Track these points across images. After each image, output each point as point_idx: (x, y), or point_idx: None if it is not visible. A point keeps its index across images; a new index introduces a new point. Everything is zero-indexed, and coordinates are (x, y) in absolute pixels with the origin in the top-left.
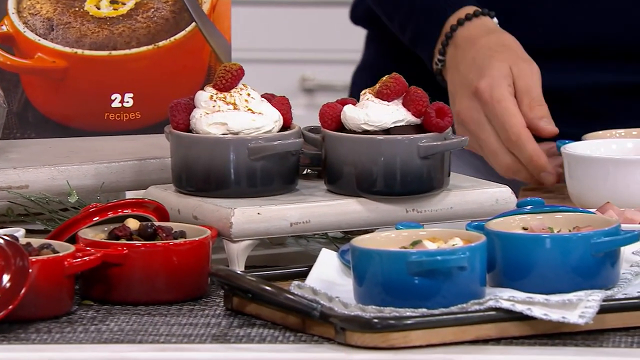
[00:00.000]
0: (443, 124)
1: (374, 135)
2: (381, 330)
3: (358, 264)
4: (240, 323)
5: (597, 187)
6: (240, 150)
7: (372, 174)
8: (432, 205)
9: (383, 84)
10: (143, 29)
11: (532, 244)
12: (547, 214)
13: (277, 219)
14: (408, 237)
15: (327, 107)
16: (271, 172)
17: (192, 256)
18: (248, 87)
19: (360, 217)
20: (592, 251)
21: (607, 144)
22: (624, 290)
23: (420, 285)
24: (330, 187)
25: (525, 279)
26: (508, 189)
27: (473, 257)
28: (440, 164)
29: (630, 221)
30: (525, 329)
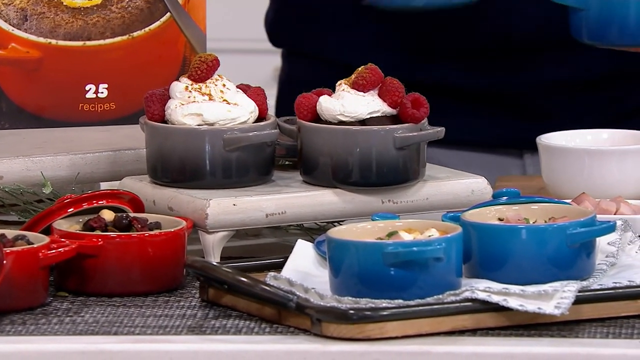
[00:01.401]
0: (419, 115)
1: (349, 126)
2: (357, 322)
3: (334, 255)
4: (215, 314)
5: (572, 177)
6: (216, 141)
7: (348, 165)
8: (408, 196)
9: (359, 74)
10: (117, 19)
11: (508, 234)
12: (523, 204)
13: (253, 210)
14: (384, 228)
15: (302, 98)
16: (247, 163)
17: (167, 247)
18: (223, 78)
19: (336, 208)
20: (567, 242)
21: (583, 135)
22: (600, 280)
23: (396, 276)
24: (306, 178)
25: (501, 270)
26: (484, 180)
27: (449, 248)
28: (416, 154)
29: (606, 212)
30: (501, 320)
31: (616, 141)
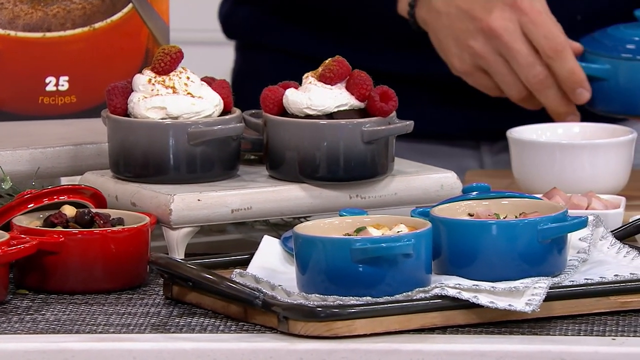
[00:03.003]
0: (387, 108)
1: (316, 119)
2: (325, 319)
3: (301, 252)
4: (180, 312)
5: (543, 172)
6: (180, 135)
7: (315, 160)
8: (376, 191)
9: (326, 67)
10: (78, 10)
11: (478, 230)
12: (493, 199)
13: (218, 206)
14: (352, 224)
15: (268, 91)
16: (211, 158)
17: (130, 244)
18: (187, 70)
19: (302, 203)
20: (538, 238)
21: (553, 128)
22: (571, 277)
23: (364, 273)
24: (272, 173)
25: (471, 266)
26: (453, 175)
27: (418, 244)
28: (384, 149)
29: (577, 207)
30: (471, 317)
31: (588, 135)
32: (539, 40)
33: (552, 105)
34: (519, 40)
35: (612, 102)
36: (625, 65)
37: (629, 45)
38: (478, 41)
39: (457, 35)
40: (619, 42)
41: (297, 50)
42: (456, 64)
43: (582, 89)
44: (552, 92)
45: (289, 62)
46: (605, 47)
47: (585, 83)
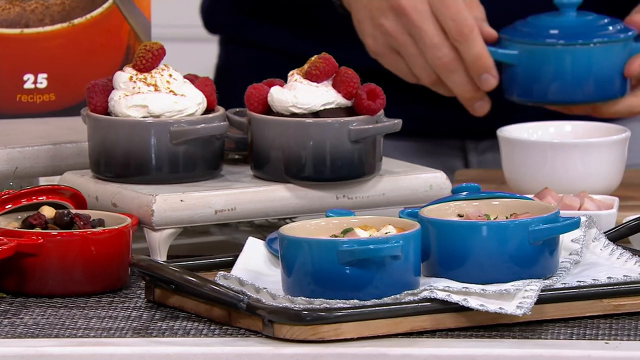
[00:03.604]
0: (375, 107)
1: (302, 118)
2: (311, 323)
3: (286, 254)
4: (162, 316)
5: (534, 172)
6: (162, 134)
7: (301, 159)
8: (364, 192)
9: (312, 64)
10: (57, 5)
11: (468, 231)
12: (483, 200)
13: (201, 206)
14: (339, 225)
15: (253, 89)
16: (194, 157)
17: (111, 246)
18: (170, 68)
19: (288, 204)
20: (530, 239)
21: (545, 127)
22: (563, 279)
23: (351, 275)
24: (257, 173)
25: (461, 269)
26: (442, 174)
27: (407, 245)
28: (371, 148)
29: (569, 207)
30: (461, 321)
31: (580, 134)
32: (447, 21)
33: (459, 90)
34: (427, 20)
35: (524, 90)
36: (532, 50)
37: (541, 32)
38: (389, 19)
39: (372, 14)
40: (534, 29)
41: (281, 46)
42: (370, 44)
43: (488, 75)
44: (458, 77)
45: (274, 59)
46: (519, 34)
47: (492, 69)
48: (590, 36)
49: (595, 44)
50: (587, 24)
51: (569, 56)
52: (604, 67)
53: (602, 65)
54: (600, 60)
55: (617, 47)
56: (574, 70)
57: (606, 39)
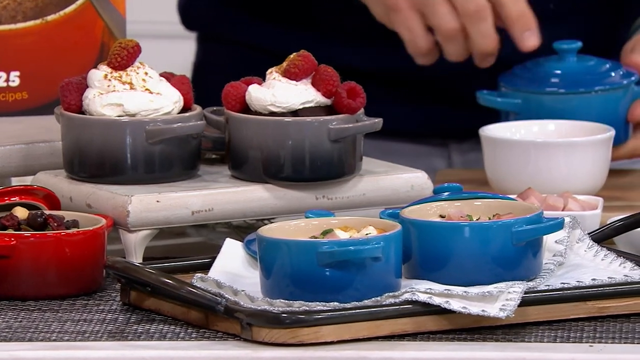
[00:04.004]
0: (355, 105)
1: (281, 117)
2: (290, 326)
3: (265, 255)
4: (138, 319)
5: (517, 172)
6: (138, 133)
7: (280, 159)
8: (344, 192)
9: (291, 62)
10: (30, 2)
11: (450, 232)
12: (465, 200)
13: (178, 207)
14: (318, 226)
15: (230, 87)
16: (171, 157)
17: (85, 247)
18: (145, 66)
19: (266, 204)
20: (513, 240)
21: (528, 126)
22: (547, 281)
23: (331, 277)
24: (235, 173)
25: (442, 270)
26: (424, 174)
27: (388, 247)
28: (352, 147)
29: (553, 208)
30: (443, 324)
31: (564, 133)
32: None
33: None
34: None
35: None
36: (534, 99)
37: (543, 80)
38: None
39: None
40: (535, 76)
41: (259, 44)
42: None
43: (531, 33)
44: (486, 27)
45: (252, 57)
46: (520, 82)
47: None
48: (593, 84)
49: (597, 92)
50: (589, 71)
51: (571, 105)
52: (607, 114)
53: (605, 112)
54: (604, 108)
55: (620, 93)
56: (577, 118)
57: (608, 86)
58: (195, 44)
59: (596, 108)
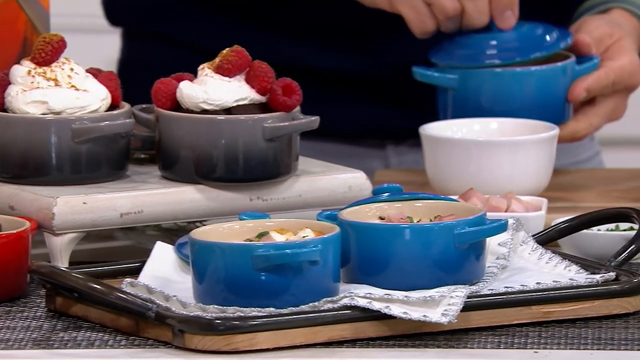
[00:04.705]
0: (291, 103)
1: (213, 115)
2: (224, 332)
3: (198, 259)
4: (64, 326)
5: (459, 172)
6: (63, 132)
7: (212, 159)
8: (279, 193)
9: (223, 57)
10: None
11: (389, 235)
12: (405, 201)
13: (106, 209)
14: (253, 229)
15: (160, 84)
16: (98, 157)
17: (8, 251)
18: (71, 61)
19: (199, 206)
20: (455, 242)
21: (470, 124)
22: (490, 285)
23: (267, 281)
24: (165, 173)
25: (382, 274)
26: (362, 175)
27: (326, 250)
28: (287, 147)
29: (496, 209)
30: (383, 329)
31: (506, 131)
32: None
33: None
34: None
35: (462, 114)
36: (471, 74)
37: (475, 53)
38: None
39: None
40: (466, 50)
41: (189, 40)
42: None
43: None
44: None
45: (182, 52)
46: (453, 57)
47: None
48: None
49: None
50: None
51: (509, 80)
52: (546, 91)
53: (544, 89)
54: (543, 84)
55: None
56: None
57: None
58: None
59: (535, 84)
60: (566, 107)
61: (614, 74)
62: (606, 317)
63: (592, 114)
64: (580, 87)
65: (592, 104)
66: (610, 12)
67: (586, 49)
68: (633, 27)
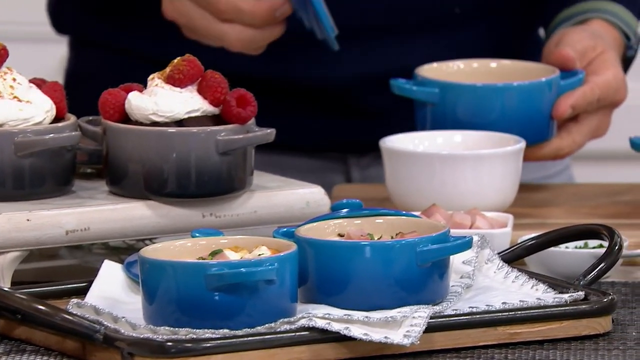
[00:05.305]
0: (245, 115)
1: (164, 127)
2: (176, 355)
3: (148, 278)
4: (7, 349)
5: (421, 187)
6: (5, 145)
7: (163, 173)
8: (233, 209)
9: (174, 67)
10: None
11: (349, 252)
12: (366, 218)
13: (50, 226)
14: (206, 246)
15: (108, 95)
16: (42, 171)
17: None
18: (13, 71)
19: (149, 223)
20: (417, 261)
21: (432, 137)
22: (454, 305)
23: (221, 302)
24: (113, 189)
25: (342, 294)
26: (320, 190)
27: (282, 268)
28: (242, 160)
29: (460, 226)
30: (342, 352)
31: (471, 144)
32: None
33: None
34: None
35: (444, 129)
36: (453, 87)
37: None
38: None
39: None
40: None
41: (138, 49)
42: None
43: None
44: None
45: (130, 63)
46: None
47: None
48: None
49: None
50: None
51: (491, 96)
52: (530, 108)
53: (528, 106)
54: (526, 101)
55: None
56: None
57: None
58: (67, 49)
59: (518, 100)
60: (550, 124)
61: (600, 89)
62: (575, 338)
63: (576, 131)
64: (565, 104)
65: (576, 121)
66: (590, 23)
67: (570, 63)
68: (613, 38)
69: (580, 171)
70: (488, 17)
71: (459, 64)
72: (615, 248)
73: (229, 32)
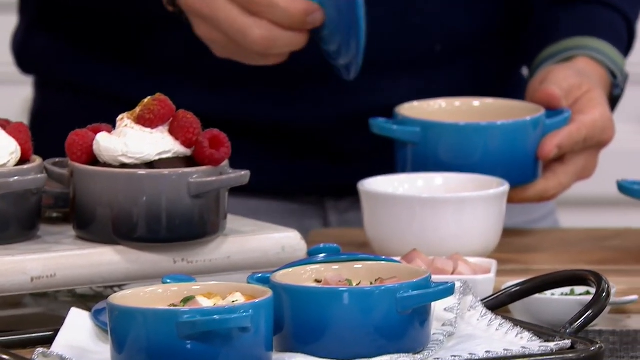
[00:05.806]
0: (218, 156)
1: (134, 169)
2: None
3: (117, 327)
4: None
5: (401, 231)
6: None
7: (132, 217)
8: (206, 254)
9: (145, 107)
10: None
11: (326, 299)
12: (344, 263)
13: (15, 273)
14: (178, 293)
15: (75, 136)
16: (7, 215)
17: None
18: None
19: (118, 269)
20: (398, 308)
21: (413, 180)
22: (436, 354)
23: (193, 350)
24: (81, 233)
25: (319, 342)
26: (297, 234)
27: (257, 316)
28: (215, 204)
29: (442, 271)
30: None
31: (452, 187)
32: None
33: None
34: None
35: (426, 170)
36: (434, 127)
37: None
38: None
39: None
40: None
41: (107, 89)
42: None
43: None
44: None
45: (99, 101)
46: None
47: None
48: None
49: None
50: None
51: (474, 136)
52: (514, 147)
53: (512, 145)
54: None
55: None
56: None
57: None
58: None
59: (502, 140)
60: (535, 165)
61: (586, 129)
62: None
63: (562, 172)
64: (551, 143)
65: (562, 162)
66: (575, 61)
67: (556, 102)
68: (600, 76)
69: (566, 217)
70: (470, 56)
71: (441, 103)
72: (603, 295)
73: (254, 27)
